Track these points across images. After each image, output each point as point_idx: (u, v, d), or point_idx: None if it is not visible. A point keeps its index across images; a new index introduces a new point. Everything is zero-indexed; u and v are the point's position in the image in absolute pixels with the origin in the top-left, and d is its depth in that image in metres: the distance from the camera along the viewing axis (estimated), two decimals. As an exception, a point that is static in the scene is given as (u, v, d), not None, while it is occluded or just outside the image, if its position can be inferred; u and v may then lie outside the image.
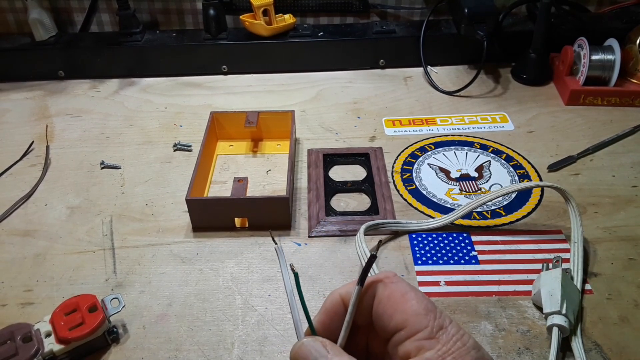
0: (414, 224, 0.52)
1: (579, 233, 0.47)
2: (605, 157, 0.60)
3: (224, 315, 0.45)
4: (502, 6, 0.77)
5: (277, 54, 0.77)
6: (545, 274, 0.44)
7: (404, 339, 0.27)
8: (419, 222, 0.52)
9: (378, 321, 0.29)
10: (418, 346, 0.26)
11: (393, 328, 0.27)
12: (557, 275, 0.43)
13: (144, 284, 0.48)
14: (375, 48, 0.77)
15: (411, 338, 0.26)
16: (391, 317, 0.27)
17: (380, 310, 0.28)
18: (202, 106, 0.72)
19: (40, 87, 0.77)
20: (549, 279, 0.43)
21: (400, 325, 0.27)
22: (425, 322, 0.26)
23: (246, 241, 0.52)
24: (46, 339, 0.40)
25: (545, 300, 0.42)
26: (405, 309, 0.27)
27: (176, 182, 0.59)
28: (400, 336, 0.27)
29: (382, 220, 0.51)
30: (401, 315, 0.27)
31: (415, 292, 0.28)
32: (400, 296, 0.28)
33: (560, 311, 0.40)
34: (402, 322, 0.27)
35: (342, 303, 0.30)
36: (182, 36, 0.79)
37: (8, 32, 0.85)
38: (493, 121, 0.67)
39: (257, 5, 0.73)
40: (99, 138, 0.67)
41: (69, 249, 0.51)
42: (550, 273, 0.43)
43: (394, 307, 0.28)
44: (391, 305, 0.28)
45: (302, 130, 0.66)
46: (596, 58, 0.67)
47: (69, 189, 0.59)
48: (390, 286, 0.28)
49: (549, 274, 0.43)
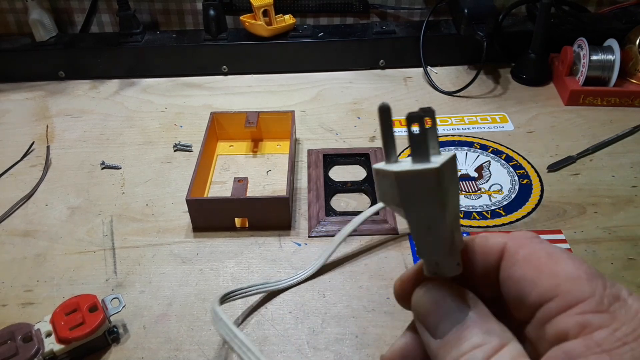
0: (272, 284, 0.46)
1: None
2: (605, 157, 0.60)
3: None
4: (501, 6, 0.77)
5: (277, 55, 0.77)
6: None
7: (556, 312, 0.18)
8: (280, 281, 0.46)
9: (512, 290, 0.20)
10: (581, 322, 0.18)
11: (537, 298, 0.19)
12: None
13: (144, 284, 0.48)
14: (375, 48, 0.77)
15: (568, 311, 0.18)
16: (534, 282, 0.19)
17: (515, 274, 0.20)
18: (202, 106, 0.72)
19: (40, 87, 0.77)
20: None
21: (548, 292, 0.19)
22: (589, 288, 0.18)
23: (246, 241, 0.52)
24: (46, 339, 0.40)
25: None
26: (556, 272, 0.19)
27: (176, 182, 0.59)
28: (549, 309, 0.19)
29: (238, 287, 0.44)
30: (549, 278, 0.19)
31: (569, 254, 0.20)
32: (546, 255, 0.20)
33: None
34: (552, 288, 0.19)
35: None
36: (182, 37, 0.79)
37: (8, 32, 0.85)
38: (493, 121, 0.67)
39: (257, 6, 0.73)
40: (100, 138, 0.67)
41: (70, 249, 0.51)
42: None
43: (538, 269, 0.20)
44: (533, 267, 0.20)
45: (302, 131, 0.66)
46: (596, 58, 0.67)
47: (70, 190, 0.59)
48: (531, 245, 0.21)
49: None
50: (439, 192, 0.19)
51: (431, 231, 0.20)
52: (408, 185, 0.20)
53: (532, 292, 0.19)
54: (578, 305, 0.18)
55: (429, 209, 0.20)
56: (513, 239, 0.21)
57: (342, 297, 0.46)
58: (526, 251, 0.20)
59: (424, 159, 0.20)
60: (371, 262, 0.49)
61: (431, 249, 0.21)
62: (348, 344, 0.42)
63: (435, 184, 0.19)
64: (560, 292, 0.19)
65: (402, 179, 0.20)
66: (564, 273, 0.19)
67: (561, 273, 0.19)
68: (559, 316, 0.18)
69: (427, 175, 0.19)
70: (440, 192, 0.19)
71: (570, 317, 0.18)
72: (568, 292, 0.18)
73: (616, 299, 0.18)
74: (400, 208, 0.21)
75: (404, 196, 0.20)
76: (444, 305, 0.21)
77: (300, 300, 0.46)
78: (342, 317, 0.44)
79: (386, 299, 0.45)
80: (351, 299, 0.46)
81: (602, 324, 0.17)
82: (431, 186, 0.20)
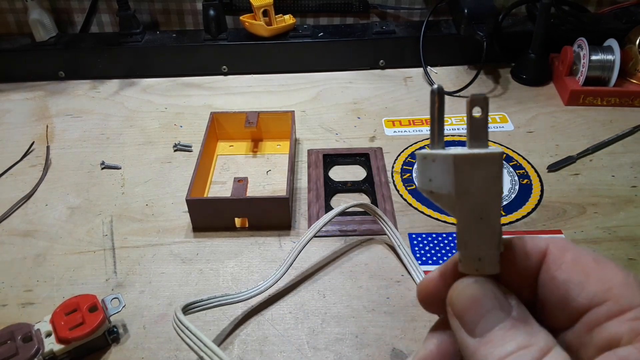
0: (236, 295, 0.44)
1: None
2: (605, 157, 0.60)
3: (224, 315, 0.45)
4: (501, 6, 0.77)
5: (277, 55, 0.77)
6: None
7: (606, 317, 0.18)
8: (246, 291, 0.44)
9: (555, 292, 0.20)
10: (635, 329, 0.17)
11: (585, 301, 0.19)
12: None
13: (144, 284, 0.48)
14: (375, 48, 0.77)
15: (620, 316, 0.18)
16: (582, 285, 0.19)
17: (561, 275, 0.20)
18: (202, 106, 0.72)
19: (40, 87, 0.77)
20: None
21: (598, 296, 0.19)
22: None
23: (246, 241, 0.52)
24: (46, 339, 0.40)
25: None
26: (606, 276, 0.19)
27: (176, 182, 0.59)
28: (598, 313, 0.18)
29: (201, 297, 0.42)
30: (599, 283, 0.19)
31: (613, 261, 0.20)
32: (592, 260, 0.19)
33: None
34: (603, 292, 0.18)
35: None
36: (182, 37, 0.79)
37: (8, 32, 0.85)
38: (493, 121, 0.67)
39: (257, 6, 0.73)
40: (99, 138, 0.67)
41: (69, 249, 0.51)
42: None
43: (587, 272, 0.19)
44: (581, 269, 0.19)
45: (302, 131, 0.66)
46: (596, 58, 0.67)
47: (69, 190, 0.59)
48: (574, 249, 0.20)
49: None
50: (500, 179, 0.19)
51: (483, 221, 0.20)
52: (467, 171, 0.19)
53: (580, 294, 0.19)
54: (632, 311, 0.18)
55: (487, 197, 0.19)
56: (555, 242, 0.21)
57: (342, 297, 0.46)
58: (573, 254, 0.20)
59: (483, 145, 0.19)
60: (371, 262, 0.49)
61: (479, 242, 0.20)
62: (348, 344, 0.42)
63: (497, 170, 0.19)
64: (611, 296, 0.18)
65: (462, 164, 0.19)
66: (614, 278, 0.18)
67: (611, 278, 0.19)
68: (610, 321, 0.18)
69: (490, 160, 0.19)
70: (500, 179, 0.19)
71: (623, 323, 0.18)
72: (620, 297, 0.18)
73: None
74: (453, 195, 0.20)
75: (461, 182, 0.19)
76: (486, 302, 0.20)
77: (300, 300, 0.46)
78: (342, 317, 0.44)
79: (386, 299, 0.45)
80: (351, 299, 0.46)
81: None
82: (493, 172, 0.19)
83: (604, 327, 0.18)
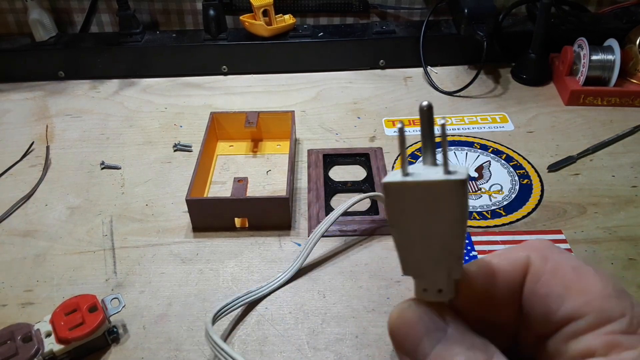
0: (263, 288, 0.46)
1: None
2: (605, 157, 0.60)
3: (223, 315, 0.44)
4: (502, 6, 0.77)
5: (277, 55, 0.77)
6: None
7: (584, 330, 0.18)
8: (267, 285, 0.46)
9: (537, 306, 0.20)
10: (610, 342, 0.18)
11: (564, 315, 0.19)
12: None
13: (144, 284, 0.48)
14: (375, 48, 0.77)
15: (596, 330, 0.18)
16: (562, 298, 0.19)
17: (541, 289, 0.20)
18: (202, 106, 0.72)
19: (40, 87, 0.77)
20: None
21: (577, 311, 0.19)
22: (620, 308, 0.18)
23: (246, 241, 0.52)
24: (46, 339, 0.40)
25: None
26: (585, 288, 0.19)
27: (176, 182, 0.59)
28: (576, 327, 0.19)
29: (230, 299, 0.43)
30: (579, 296, 0.19)
31: (593, 267, 0.20)
32: (572, 270, 0.19)
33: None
34: (581, 306, 0.19)
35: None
36: (182, 37, 0.79)
37: (8, 32, 0.85)
38: (493, 121, 0.67)
39: (257, 6, 0.73)
40: (99, 138, 0.67)
41: (69, 249, 0.51)
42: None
43: (566, 285, 0.19)
44: (560, 282, 0.19)
45: (302, 131, 0.66)
46: (596, 58, 0.67)
47: (69, 190, 0.59)
48: (555, 257, 0.20)
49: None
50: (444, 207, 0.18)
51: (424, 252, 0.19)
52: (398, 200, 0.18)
53: (560, 309, 0.19)
54: (607, 325, 0.18)
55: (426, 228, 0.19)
56: (534, 250, 0.21)
57: (342, 297, 0.46)
58: (552, 265, 0.20)
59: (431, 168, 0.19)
60: (371, 262, 0.49)
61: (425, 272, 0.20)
62: (348, 344, 0.42)
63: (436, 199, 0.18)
64: (589, 310, 0.18)
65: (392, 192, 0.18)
66: (593, 290, 0.19)
67: (590, 290, 0.19)
68: (587, 334, 0.18)
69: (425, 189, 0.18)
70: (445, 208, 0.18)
71: (599, 336, 0.18)
72: (598, 311, 0.18)
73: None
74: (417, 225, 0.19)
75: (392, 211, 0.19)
76: (421, 326, 0.20)
77: (300, 300, 0.46)
78: (342, 317, 0.44)
79: (386, 299, 0.45)
80: (351, 299, 0.46)
81: (632, 345, 0.17)
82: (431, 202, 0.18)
83: (581, 340, 0.18)
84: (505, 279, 0.20)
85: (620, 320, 0.18)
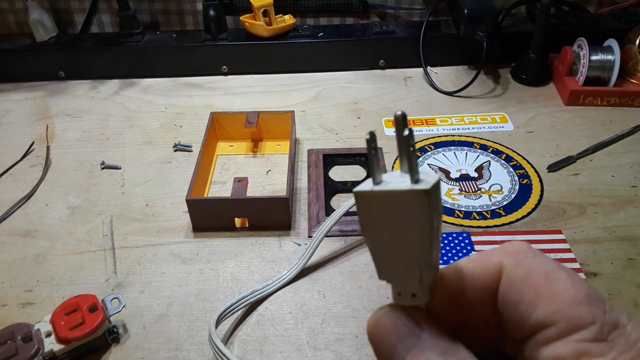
0: (269, 287, 0.46)
1: None
2: (605, 157, 0.60)
3: (223, 315, 0.45)
4: (501, 7, 0.78)
5: (277, 55, 0.77)
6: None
7: (554, 338, 0.18)
8: (273, 283, 0.47)
9: (510, 312, 0.20)
10: (579, 350, 0.17)
11: (535, 323, 0.19)
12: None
13: (144, 284, 0.48)
14: (375, 48, 0.77)
15: (566, 338, 0.18)
16: (533, 305, 0.19)
17: (513, 296, 0.20)
18: (202, 107, 0.72)
19: (40, 87, 0.77)
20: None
21: (548, 318, 0.18)
22: (590, 314, 0.18)
23: (246, 241, 0.52)
24: (46, 339, 0.40)
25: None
26: (555, 295, 0.18)
27: (176, 182, 0.59)
28: (547, 334, 0.18)
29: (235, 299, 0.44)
30: (550, 303, 0.18)
31: (566, 272, 0.19)
32: (544, 276, 0.19)
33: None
34: (552, 314, 0.18)
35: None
36: (183, 37, 0.79)
37: (9, 32, 0.85)
38: (493, 121, 0.67)
39: (257, 6, 0.73)
40: (100, 138, 0.67)
41: (70, 249, 0.51)
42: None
43: (537, 291, 0.19)
44: (531, 288, 0.19)
45: (302, 131, 0.66)
46: (596, 58, 0.67)
47: (70, 189, 0.59)
48: (527, 262, 0.20)
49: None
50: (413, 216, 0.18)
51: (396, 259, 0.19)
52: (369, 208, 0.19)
53: (531, 317, 0.19)
54: (576, 332, 0.18)
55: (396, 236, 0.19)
56: (508, 254, 0.20)
57: (342, 297, 0.46)
58: (524, 270, 0.20)
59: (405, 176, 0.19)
60: (371, 262, 0.48)
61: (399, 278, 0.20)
62: (348, 344, 0.42)
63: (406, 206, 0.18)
64: (559, 318, 0.18)
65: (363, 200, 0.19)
66: (564, 297, 0.18)
67: (561, 297, 0.18)
68: (557, 342, 0.18)
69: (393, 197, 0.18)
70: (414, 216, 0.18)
71: (569, 344, 0.18)
72: (568, 319, 0.18)
73: (615, 326, 0.18)
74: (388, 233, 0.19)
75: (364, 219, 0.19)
76: (395, 332, 0.20)
77: (300, 300, 0.46)
78: (342, 317, 0.44)
79: (386, 299, 0.45)
80: (351, 299, 0.46)
81: (601, 353, 0.17)
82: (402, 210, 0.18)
83: (551, 347, 0.18)
84: (478, 284, 0.20)
85: (590, 328, 0.18)
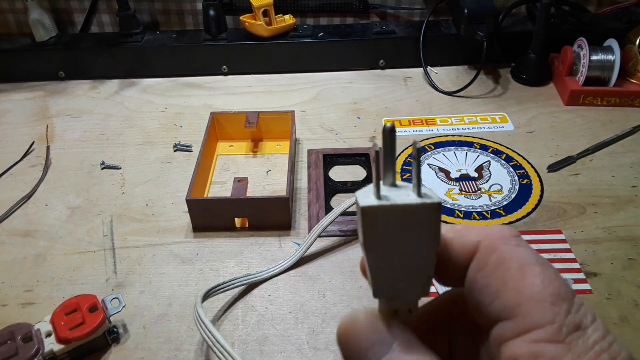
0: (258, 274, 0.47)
1: None
2: (605, 157, 0.60)
3: (224, 315, 0.45)
4: (501, 6, 0.77)
5: (277, 55, 0.77)
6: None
7: (511, 335, 0.17)
8: (267, 270, 0.47)
9: (474, 295, 0.19)
10: (533, 351, 0.17)
11: (495, 312, 0.18)
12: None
13: (144, 284, 0.48)
14: (375, 48, 0.77)
15: (523, 336, 0.17)
16: (496, 294, 0.18)
17: (480, 279, 0.19)
18: (202, 106, 0.72)
19: (40, 87, 0.77)
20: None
21: (508, 311, 0.17)
22: (550, 314, 0.17)
23: (246, 241, 0.52)
24: (46, 339, 0.40)
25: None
26: (521, 288, 0.17)
27: (176, 182, 0.59)
28: (505, 329, 0.17)
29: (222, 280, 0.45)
30: (512, 296, 0.17)
31: (542, 267, 0.18)
32: (516, 267, 0.18)
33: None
34: (512, 307, 0.17)
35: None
36: (182, 37, 0.79)
37: (8, 32, 0.85)
38: (493, 121, 0.67)
39: (257, 6, 0.73)
40: (100, 138, 0.67)
41: (70, 249, 0.51)
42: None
43: (505, 281, 0.18)
44: (500, 277, 0.18)
45: (302, 131, 0.66)
46: (596, 58, 0.67)
47: (70, 189, 0.59)
48: (504, 249, 0.19)
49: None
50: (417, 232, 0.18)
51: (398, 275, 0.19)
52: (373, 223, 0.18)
53: (492, 305, 0.18)
54: (534, 331, 0.17)
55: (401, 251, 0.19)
56: (487, 236, 0.19)
57: (342, 297, 0.46)
58: (498, 256, 0.18)
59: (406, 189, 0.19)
60: (371, 262, 0.49)
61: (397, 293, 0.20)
62: (348, 344, 0.42)
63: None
64: (518, 313, 0.17)
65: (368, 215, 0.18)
66: (529, 291, 0.17)
67: (525, 291, 0.17)
68: (513, 340, 0.17)
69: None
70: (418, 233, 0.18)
71: (524, 344, 0.17)
72: (527, 315, 0.17)
73: (576, 328, 0.17)
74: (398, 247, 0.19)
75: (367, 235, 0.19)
76: (365, 340, 0.19)
77: (300, 300, 0.46)
78: (342, 317, 0.44)
79: (386, 299, 0.45)
80: (351, 299, 0.46)
81: (556, 355, 0.16)
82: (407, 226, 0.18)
83: (508, 345, 0.17)
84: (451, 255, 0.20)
85: (547, 328, 0.17)
